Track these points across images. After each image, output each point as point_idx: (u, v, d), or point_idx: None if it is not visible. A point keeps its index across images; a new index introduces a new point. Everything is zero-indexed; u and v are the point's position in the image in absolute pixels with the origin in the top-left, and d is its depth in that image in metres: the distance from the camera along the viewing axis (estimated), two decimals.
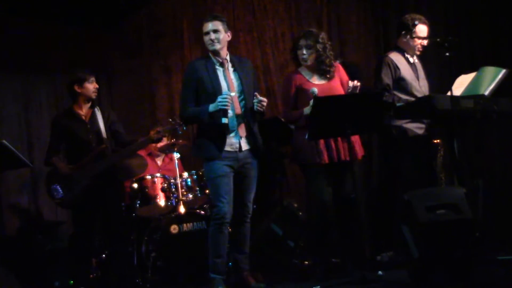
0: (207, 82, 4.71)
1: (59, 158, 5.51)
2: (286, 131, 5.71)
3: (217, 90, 4.70)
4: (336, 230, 5.13)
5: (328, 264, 5.10)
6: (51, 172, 5.49)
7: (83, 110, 5.54)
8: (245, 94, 4.79)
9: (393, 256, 5.42)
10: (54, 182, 5.43)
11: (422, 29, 5.30)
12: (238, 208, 4.79)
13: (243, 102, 4.78)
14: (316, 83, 5.02)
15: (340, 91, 5.02)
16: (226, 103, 4.60)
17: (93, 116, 5.54)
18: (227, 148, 4.71)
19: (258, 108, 4.72)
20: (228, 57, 4.84)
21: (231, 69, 4.82)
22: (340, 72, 5.13)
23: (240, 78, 4.81)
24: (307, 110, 4.90)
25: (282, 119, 5.68)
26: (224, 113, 4.61)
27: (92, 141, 5.46)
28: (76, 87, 5.47)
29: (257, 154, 4.85)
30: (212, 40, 4.74)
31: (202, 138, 4.79)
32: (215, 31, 4.74)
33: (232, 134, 4.73)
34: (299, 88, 5.05)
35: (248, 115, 4.79)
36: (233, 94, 4.69)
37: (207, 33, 4.75)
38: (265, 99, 4.74)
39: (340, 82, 5.09)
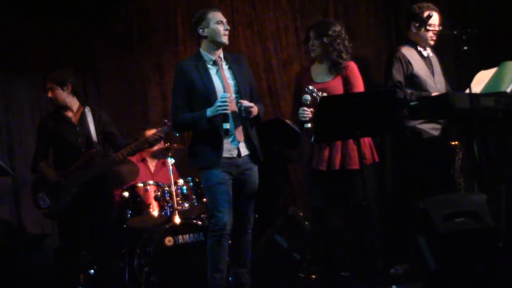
0: (198, 84, 4.66)
1: (47, 164, 5.51)
2: (290, 133, 5.71)
3: (210, 92, 4.65)
4: (344, 241, 5.13)
5: (336, 277, 5.10)
6: (38, 179, 5.50)
7: (71, 112, 5.55)
8: (241, 94, 4.75)
9: (408, 269, 5.42)
10: (40, 190, 5.44)
11: (432, 17, 5.30)
12: (239, 218, 4.77)
13: (240, 103, 4.74)
14: (319, 82, 5.01)
15: (338, 91, 4.99)
16: (226, 107, 4.55)
17: (82, 118, 5.54)
18: (225, 154, 4.68)
19: (247, 115, 4.68)
20: (222, 55, 4.80)
21: (225, 67, 4.79)
22: (350, 72, 5.04)
23: (236, 77, 4.77)
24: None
25: (286, 120, 5.70)
26: (225, 118, 4.57)
27: (81, 145, 5.47)
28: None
29: (257, 159, 4.83)
30: (227, 31, 4.71)
31: (198, 145, 4.75)
32: (227, 23, 4.74)
33: (230, 139, 4.70)
34: (303, 86, 5.05)
35: (245, 118, 4.74)
36: (228, 95, 4.62)
37: (221, 22, 4.69)
38: (251, 105, 4.68)
39: (344, 81, 5.04)
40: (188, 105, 4.71)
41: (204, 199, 5.79)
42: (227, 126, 4.57)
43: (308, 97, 4.82)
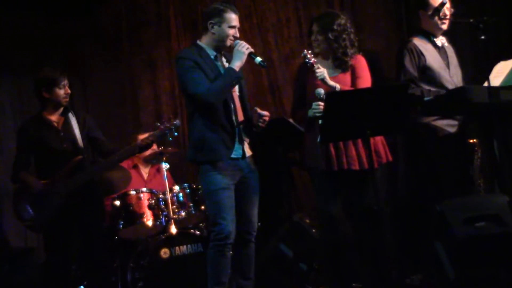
0: (207, 71, 4.70)
1: (29, 173, 5.50)
2: (295, 133, 5.71)
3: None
4: (355, 249, 5.13)
5: None
6: (19, 189, 5.49)
7: (55, 116, 5.55)
8: (243, 93, 4.86)
9: (424, 279, 5.41)
10: (22, 200, 5.42)
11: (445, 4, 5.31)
12: (242, 225, 4.78)
13: (243, 101, 4.86)
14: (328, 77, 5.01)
15: (348, 86, 5.00)
16: (248, 46, 4.70)
17: (66, 122, 5.54)
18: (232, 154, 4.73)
19: (260, 124, 4.76)
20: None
21: (225, 65, 4.84)
22: (357, 64, 5.08)
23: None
24: (310, 112, 4.92)
25: (290, 120, 5.70)
26: (252, 55, 4.70)
27: (66, 151, 5.47)
28: (43, 92, 5.47)
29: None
30: (234, 38, 4.76)
31: (204, 136, 4.71)
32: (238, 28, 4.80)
33: (236, 138, 4.75)
34: (308, 81, 5.06)
35: (248, 118, 4.83)
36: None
37: (233, 27, 4.75)
38: (267, 114, 4.76)
39: (352, 75, 5.07)
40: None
41: (202, 207, 5.79)
42: (259, 59, 4.72)
43: (321, 90, 4.82)
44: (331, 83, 4.84)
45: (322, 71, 4.82)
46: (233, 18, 4.74)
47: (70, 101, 5.64)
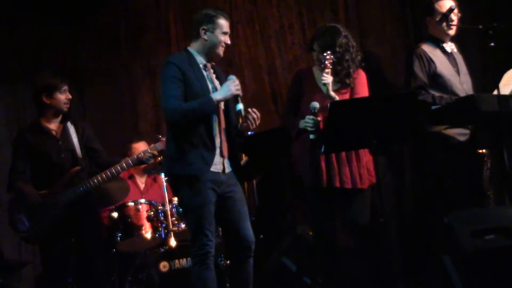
0: (195, 83, 4.66)
1: (25, 182, 5.49)
2: None
3: (206, 92, 4.67)
4: (357, 263, 5.14)
5: None
6: (15, 199, 5.48)
7: (53, 124, 5.55)
8: (229, 107, 4.82)
9: None
10: (18, 211, 5.42)
11: (443, 4, 5.31)
12: (238, 242, 4.71)
13: (227, 115, 4.82)
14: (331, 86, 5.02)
15: None
16: (239, 88, 4.65)
17: (65, 131, 5.54)
18: (211, 167, 4.66)
19: (250, 125, 4.69)
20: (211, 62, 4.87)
21: (213, 75, 4.83)
22: (356, 80, 5.09)
23: None
24: (302, 124, 4.94)
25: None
26: (236, 99, 4.64)
27: (65, 161, 5.47)
28: (44, 98, 5.47)
29: (240, 178, 4.85)
30: (226, 45, 4.77)
31: (182, 148, 4.63)
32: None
33: (217, 152, 4.69)
34: (305, 90, 5.06)
35: (232, 133, 4.80)
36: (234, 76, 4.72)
37: (226, 33, 4.75)
38: (257, 114, 4.71)
39: (351, 91, 5.08)
40: (184, 98, 4.62)
41: None
42: (241, 106, 4.63)
43: (316, 104, 4.83)
44: (332, 93, 4.85)
45: (328, 78, 4.83)
46: (225, 24, 4.74)
47: (68, 111, 5.64)
